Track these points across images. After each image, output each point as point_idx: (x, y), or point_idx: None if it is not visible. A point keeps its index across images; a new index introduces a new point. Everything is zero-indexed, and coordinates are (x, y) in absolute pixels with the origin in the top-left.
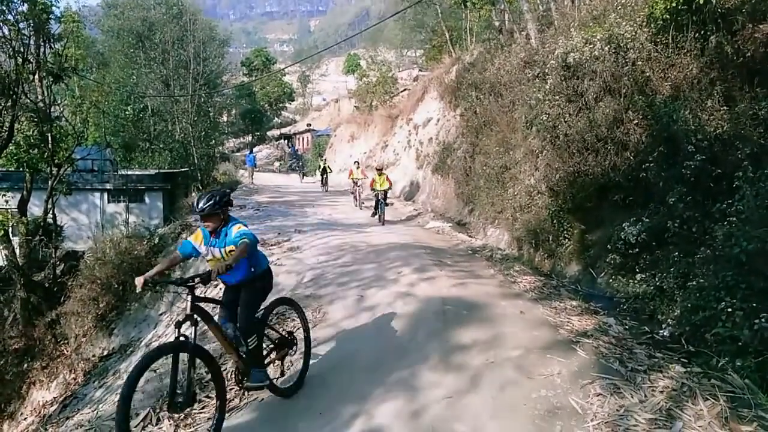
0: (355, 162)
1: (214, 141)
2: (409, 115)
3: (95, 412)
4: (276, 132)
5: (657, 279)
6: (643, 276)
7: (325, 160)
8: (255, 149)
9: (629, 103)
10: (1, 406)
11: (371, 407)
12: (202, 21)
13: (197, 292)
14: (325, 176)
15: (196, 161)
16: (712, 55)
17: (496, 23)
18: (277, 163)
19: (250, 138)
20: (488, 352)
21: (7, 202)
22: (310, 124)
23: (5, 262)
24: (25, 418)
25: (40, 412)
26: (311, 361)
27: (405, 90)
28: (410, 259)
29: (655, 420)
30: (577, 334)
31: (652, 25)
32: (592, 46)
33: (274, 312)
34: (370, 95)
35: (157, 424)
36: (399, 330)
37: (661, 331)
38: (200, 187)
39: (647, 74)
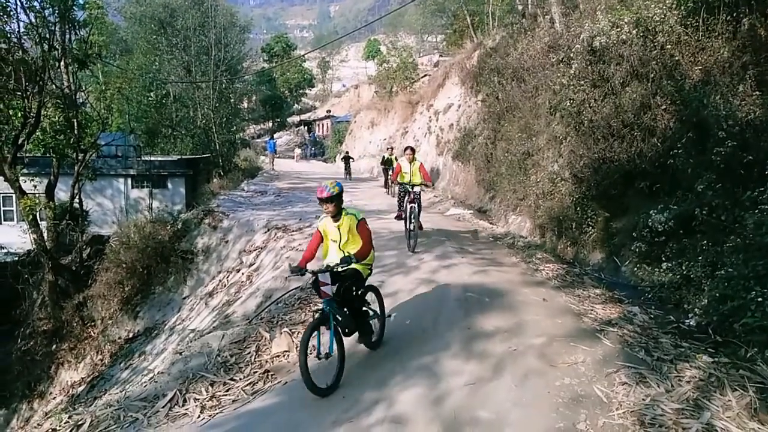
0: (406, 149)
1: (235, 127)
2: (429, 101)
3: (123, 392)
4: (296, 118)
5: (684, 268)
6: (670, 264)
7: (392, 148)
8: (275, 135)
9: (657, 88)
10: (31, 386)
11: (393, 393)
12: (222, 7)
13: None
14: (390, 174)
15: (217, 147)
16: (745, 38)
17: (519, 7)
18: (298, 150)
19: (270, 124)
20: (511, 340)
21: (35, 187)
22: (329, 111)
23: (34, 246)
24: (54, 398)
25: (68, 392)
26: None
27: (425, 76)
28: (432, 245)
29: (682, 410)
30: (601, 323)
31: (682, 8)
32: (619, 29)
33: None
34: (390, 81)
35: (183, 405)
36: (420, 317)
37: (688, 321)
38: (222, 173)
39: (677, 58)
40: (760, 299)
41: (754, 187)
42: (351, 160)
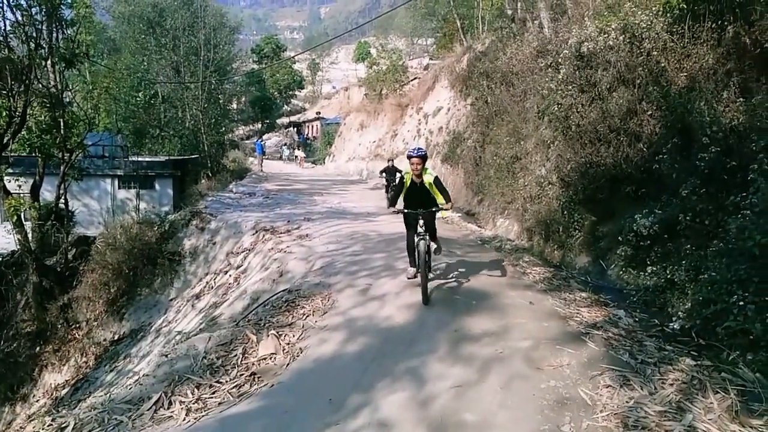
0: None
1: (223, 128)
2: (419, 104)
3: (108, 395)
4: (285, 120)
5: (668, 271)
6: (654, 268)
7: (420, 149)
8: (264, 137)
9: (643, 94)
10: (14, 388)
11: (379, 396)
12: (212, 7)
13: None
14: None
15: (206, 148)
16: (729, 45)
17: (509, 11)
18: (300, 152)
19: (259, 125)
20: (497, 343)
21: (20, 187)
22: (319, 112)
23: (18, 247)
24: (37, 400)
25: (52, 395)
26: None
27: (415, 79)
28: None
29: (665, 412)
30: (586, 326)
31: (668, 15)
32: (606, 35)
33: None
34: (380, 84)
35: (168, 408)
36: (408, 319)
37: (672, 324)
38: (210, 174)
39: (662, 64)
40: (742, 303)
41: (737, 192)
42: (399, 173)
